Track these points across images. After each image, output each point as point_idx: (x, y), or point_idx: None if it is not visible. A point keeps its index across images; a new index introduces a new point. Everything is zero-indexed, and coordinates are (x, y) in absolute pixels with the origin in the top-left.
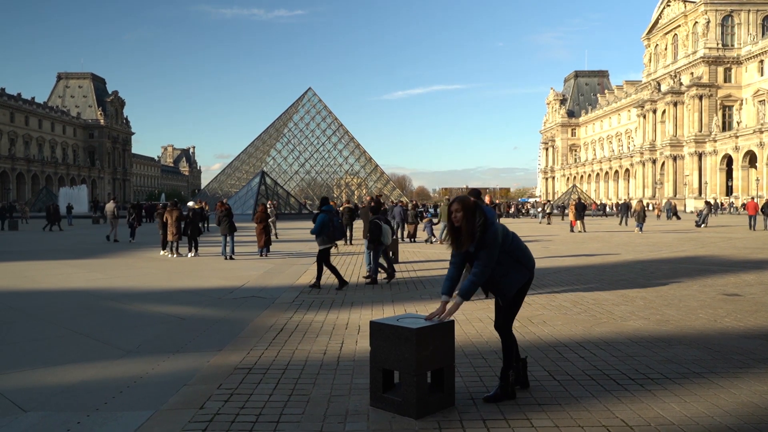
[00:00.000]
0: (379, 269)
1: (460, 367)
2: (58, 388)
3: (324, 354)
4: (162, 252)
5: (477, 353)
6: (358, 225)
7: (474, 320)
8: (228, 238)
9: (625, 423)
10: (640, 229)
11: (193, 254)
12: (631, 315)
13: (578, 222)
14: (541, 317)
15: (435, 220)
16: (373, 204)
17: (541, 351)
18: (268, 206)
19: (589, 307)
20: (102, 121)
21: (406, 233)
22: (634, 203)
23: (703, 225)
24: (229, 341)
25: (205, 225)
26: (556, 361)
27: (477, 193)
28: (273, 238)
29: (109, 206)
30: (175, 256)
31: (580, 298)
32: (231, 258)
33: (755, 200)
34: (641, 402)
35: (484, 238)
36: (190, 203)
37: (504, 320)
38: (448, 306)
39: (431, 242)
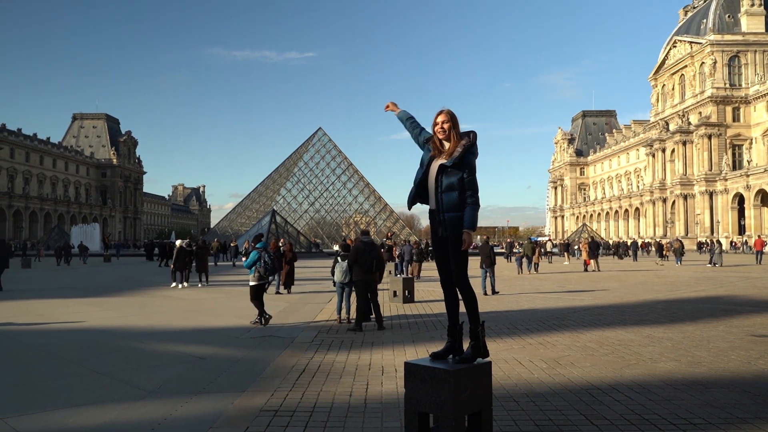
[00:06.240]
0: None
1: (493, 411)
2: (81, 429)
3: (350, 396)
4: (173, 284)
5: (507, 396)
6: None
7: (500, 361)
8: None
9: None
10: (678, 262)
11: (203, 284)
12: (661, 356)
13: (592, 261)
14: (568, 359)
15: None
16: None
17: (573, 394)
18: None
19: (615, 348)
20: (115, 160)
21: (410, 271)
22: (670, 241)
23: (717, 264)
24: (251, 382)
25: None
26: (591, 405)
27: (366, 232)
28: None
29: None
30: (186, 285)
31: (605, 338)
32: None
33: (761, 237)
34: None
35: (468, 157)
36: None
37: (459, 272)
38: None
39: (519, 273)
